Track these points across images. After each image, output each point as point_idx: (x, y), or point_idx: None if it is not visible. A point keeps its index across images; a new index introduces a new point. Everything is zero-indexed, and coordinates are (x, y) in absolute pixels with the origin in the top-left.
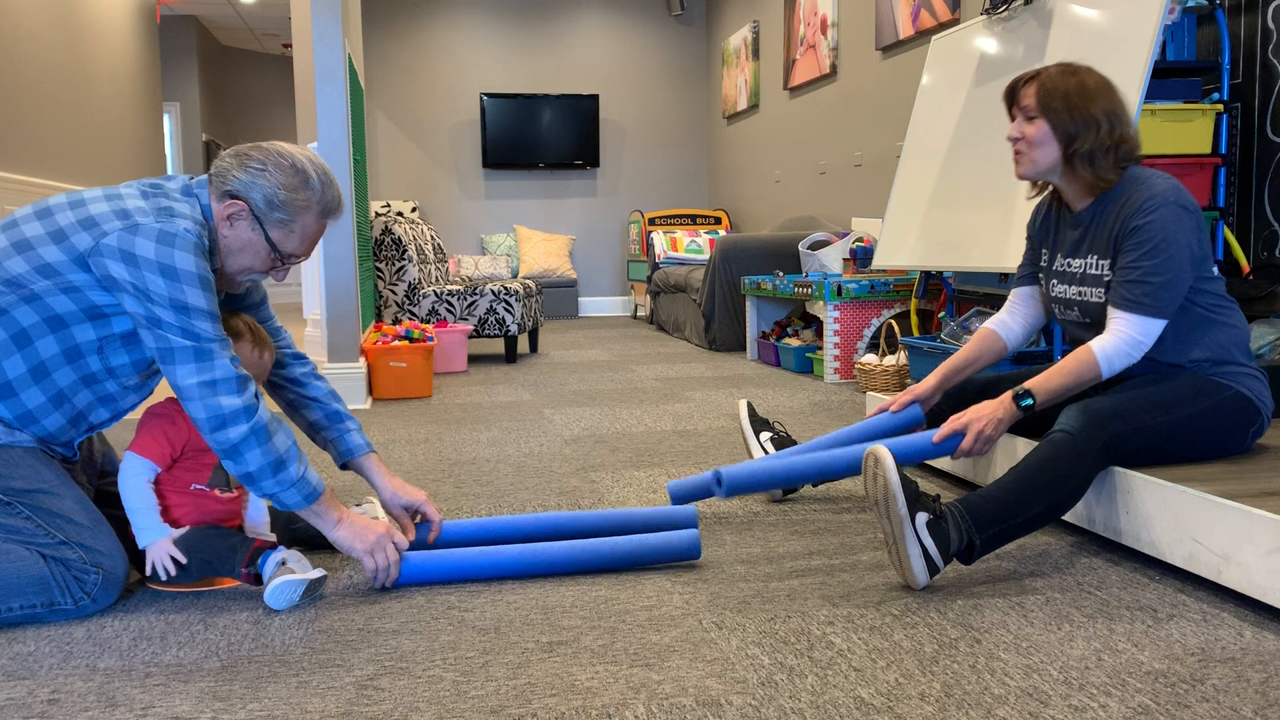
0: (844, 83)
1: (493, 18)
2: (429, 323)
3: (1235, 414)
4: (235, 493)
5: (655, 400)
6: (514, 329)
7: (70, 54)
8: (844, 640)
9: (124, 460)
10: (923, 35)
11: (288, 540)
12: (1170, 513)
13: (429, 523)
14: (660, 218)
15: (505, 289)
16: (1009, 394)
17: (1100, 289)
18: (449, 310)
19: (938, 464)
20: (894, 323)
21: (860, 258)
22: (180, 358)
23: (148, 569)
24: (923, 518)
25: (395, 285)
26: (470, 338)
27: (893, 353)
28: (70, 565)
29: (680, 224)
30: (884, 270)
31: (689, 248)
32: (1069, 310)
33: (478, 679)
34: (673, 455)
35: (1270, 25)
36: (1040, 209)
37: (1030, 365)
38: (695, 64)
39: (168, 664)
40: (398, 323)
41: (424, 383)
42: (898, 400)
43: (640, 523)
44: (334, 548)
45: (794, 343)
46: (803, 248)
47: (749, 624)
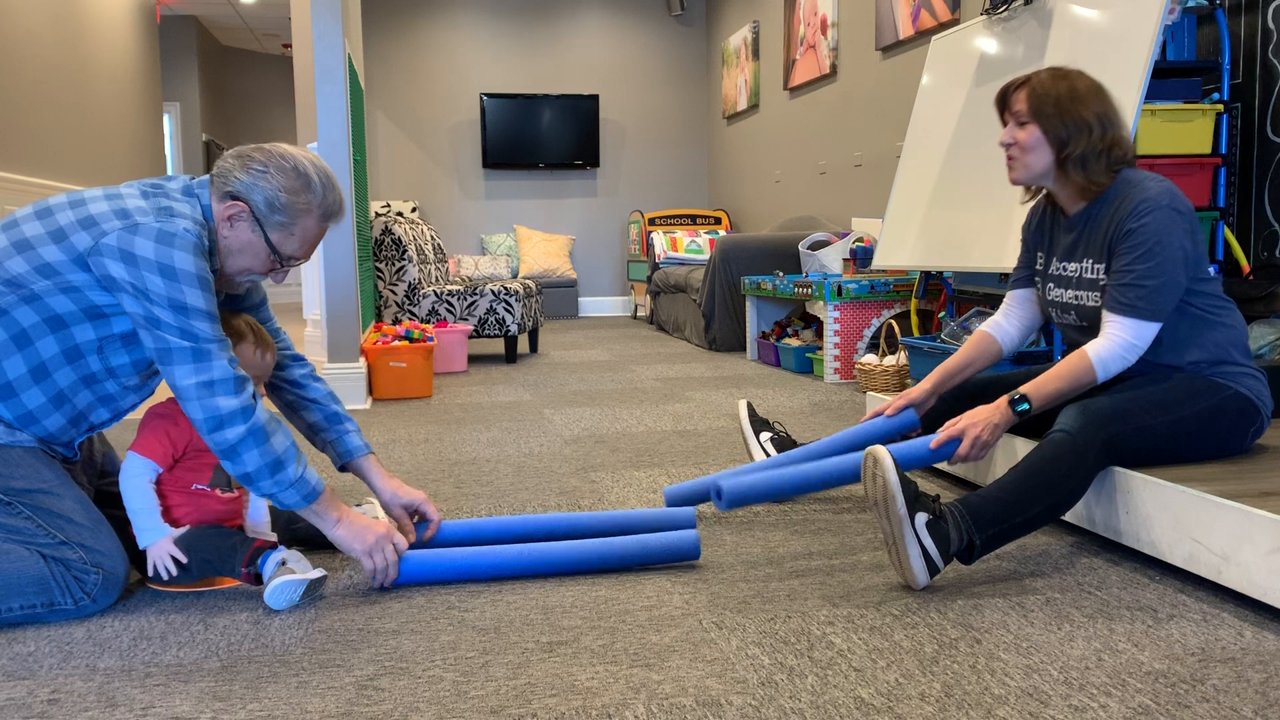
0: (844, 83)
1: (493, 18)
2: (429, 323)
3: (1235, 414)
4: (236, 493)
5: (655, 400)
6: (514, 329)
7: (70, 54)
8: (844, 640)
9: (126, 460)
10: (923, 35)
11: (288, 540)
12: (1170, 513)
13: (427, 522)
14: (660, 218)
15: (505, 289)
16: (1005, 399)
17: (1096, 293)
18: (449, 310)
19: (937, 464)
20: (894, 323)
21: (860, 258)
22: (178, 358)
23: (149, 569)
24: (922, 518)
25: (395, 285)
26: (470, 338)
27: (893, 353)
28: (70, 565)
29: (680, 224)
30: (884, 270)
31: (689, 248)
32: (1066, 314)
33: (478, 679)
34: (673, 455)
35: (1270, 25)
36: (1035, 213)
37: (1030, 365)
38: (695, 64)
39: (168, 664)
40: (398, 323)
41: (424, 383)
42: (892, 405)
43: (640, 524)
44: (335, 547)
45: (794, 343)
46: (803, 248)
47: (749, 624)
